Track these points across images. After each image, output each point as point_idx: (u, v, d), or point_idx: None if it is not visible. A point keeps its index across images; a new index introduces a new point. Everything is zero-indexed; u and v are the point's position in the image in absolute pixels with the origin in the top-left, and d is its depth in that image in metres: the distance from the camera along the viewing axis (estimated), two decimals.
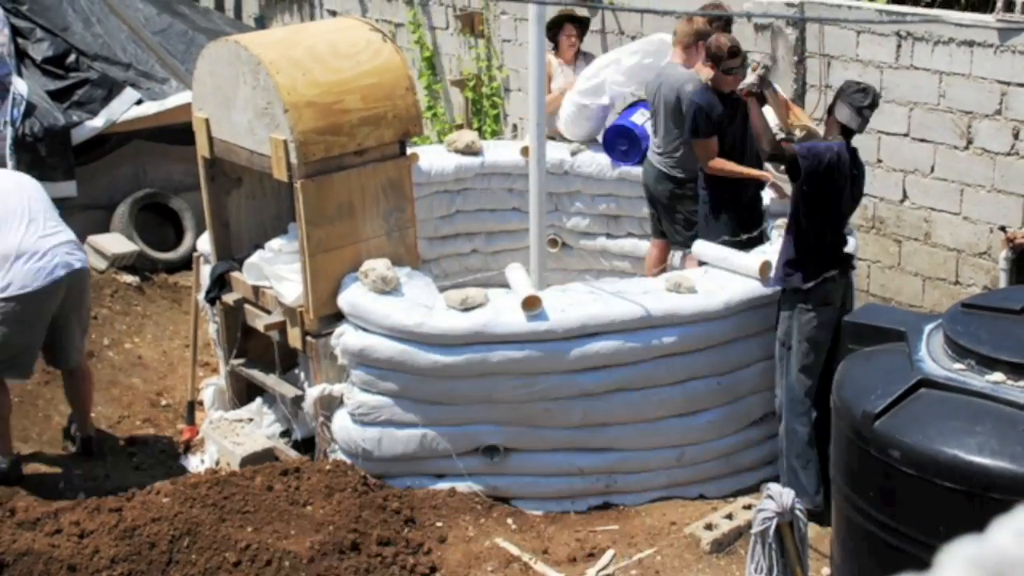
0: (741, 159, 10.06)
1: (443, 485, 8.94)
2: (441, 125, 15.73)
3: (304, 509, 8.40)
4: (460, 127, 14.85)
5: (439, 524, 8.59)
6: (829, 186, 8.66)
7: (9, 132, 13.13)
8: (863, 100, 8.69)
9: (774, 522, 7.10)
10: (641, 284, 9.40)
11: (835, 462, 6.16)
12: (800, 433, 8.77)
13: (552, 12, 11.73)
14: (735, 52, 10.01)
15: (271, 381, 9.78)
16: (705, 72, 10.25)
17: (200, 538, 8.15)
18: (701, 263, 9.73)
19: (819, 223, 8.76)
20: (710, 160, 10.06)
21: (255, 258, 9.66)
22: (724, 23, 10.86)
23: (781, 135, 9.52)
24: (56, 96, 13.76)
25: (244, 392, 10.28)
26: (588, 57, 12.35)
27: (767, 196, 10.46)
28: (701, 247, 9.83)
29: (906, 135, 11.13)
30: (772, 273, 9.06)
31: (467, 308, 8.74)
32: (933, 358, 5.81)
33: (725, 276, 9.24)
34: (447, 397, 8.83)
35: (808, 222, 8.73)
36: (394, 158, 9.38)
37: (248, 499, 8.53)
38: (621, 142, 11.66)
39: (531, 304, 8.66)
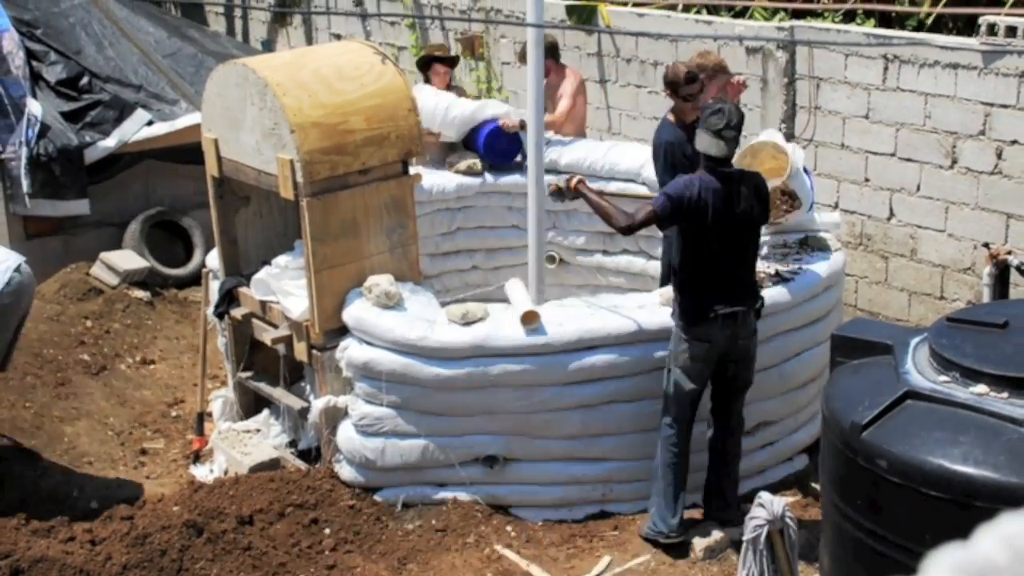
0: None
1: (444, 494, 8.94)
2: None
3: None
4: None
5: (440, 531, 8.61)
6: (693, 223, 8.21)
7: (24, 152, 13.14)
8: (719, 123, 8.16)
9: (765, 529, 7.10)
10: (636, 299, 9.39)
11: (824, 471, 6.17)
12: (661, 457, 8.58)
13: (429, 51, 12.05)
14: (692, 78, 9.71)
15: (278, 393, 9.79)
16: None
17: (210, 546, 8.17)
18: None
19: (693, 260, 8.30)
20: None
21: (262, 274, 9.67)
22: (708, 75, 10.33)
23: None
24: (69, 117, 13.78)
25: (252, 404, 10.28)
26: (458, 90, 12.55)
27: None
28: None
29: (893, 155, 11.15)
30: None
31: (468, 322, 8.75)
32: (919, 371, 5.81)
33: None
34: (448, 408, 8.83)
35: (682, 258, 8.36)
36: (397, 177, 9.39)
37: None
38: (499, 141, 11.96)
39: (530, 319, 8.66)
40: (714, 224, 8.17)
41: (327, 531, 8.55)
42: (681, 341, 8.35)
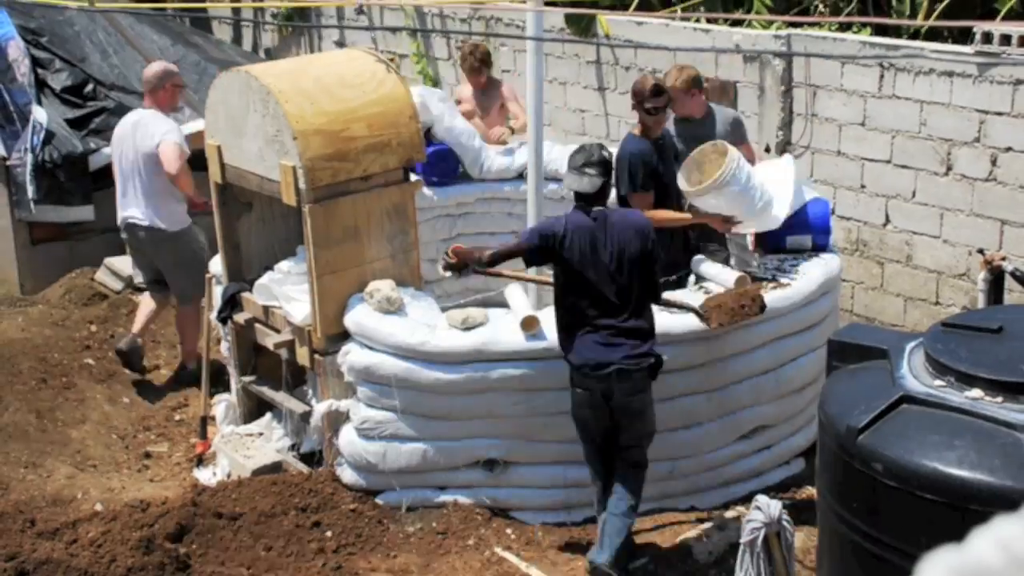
0: (666, 202, 9.57)
1: (445, 497, 8.95)
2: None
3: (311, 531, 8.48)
4: None
5: (440, 534, 8.62)
6: (560, 264, 8.06)
7: (29, 158, 13.16)
8: (580, 159, 8.10)
9: (762, 532, 7.10)
10: None
11: (820, 475, 6.17)
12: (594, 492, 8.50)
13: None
14: (657, 91, 9.54)
15: (280, 397, 9.79)
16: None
17: (214, 549, 8.18)
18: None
19: (564, 305, 8.13)
20: (648, 212, 9.31)
21: (265, 279, 9.68)
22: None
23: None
24: (74, 124, 13.80)
25: (254, 408, 10.28)
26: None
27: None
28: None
29: (888, 162, 11.16)
30: None
31: (468, 327, 8.75)
32: (914, 375, 5.81)
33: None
34: (449, 412, 8.83)
35: (556, 303, 8.23)
36: (398, 183, 9.39)
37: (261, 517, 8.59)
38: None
39: (529, 324, 8.66)
40: (580, 266, 7.95)
41: (328, 533, 8.55)
42: (570, 383, 8.19)
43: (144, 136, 11.26)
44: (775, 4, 13.46)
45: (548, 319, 8.75)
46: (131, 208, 11.44)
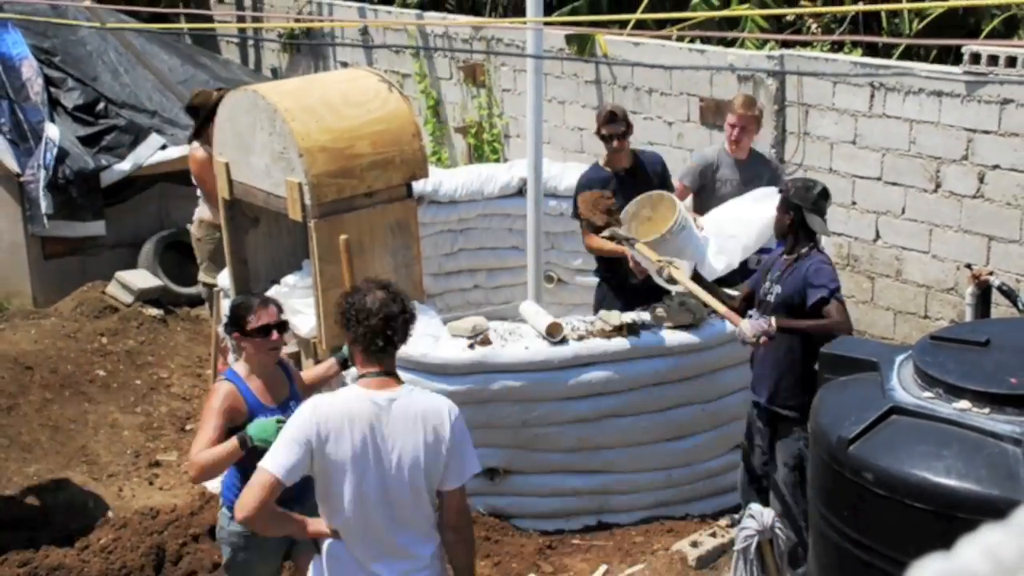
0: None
1: None
2: (445, 167, 15.76)
3: None
4: None
5: None
6: None
7: (43, 175, 13.19)
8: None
9: (755, 540, 7.11)
10: (629, 317, 9.39)
11: (812, 483, 6.17)
12: None
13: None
14: (611, 117, 9.49)
15: None
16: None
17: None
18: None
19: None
20: (587, 239, 9.44)
21: (271, 292, 9.67)
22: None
23: None
24: (86, 142, 13.83)
25: None
26: None
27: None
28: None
29: (879, 179, 11.16)
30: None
31: (476, 334, 8.77)
32: (904, 387, 5.81)
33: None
34: None
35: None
36: (401, 200, 9.40)
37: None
38: None
39: (554, 329, 8.70)
40: None
41: None
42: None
43: None
44: (768, 24, 13.46)
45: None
46: None
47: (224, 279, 10.36)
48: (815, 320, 7.55)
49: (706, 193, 10.03)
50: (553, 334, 8.73)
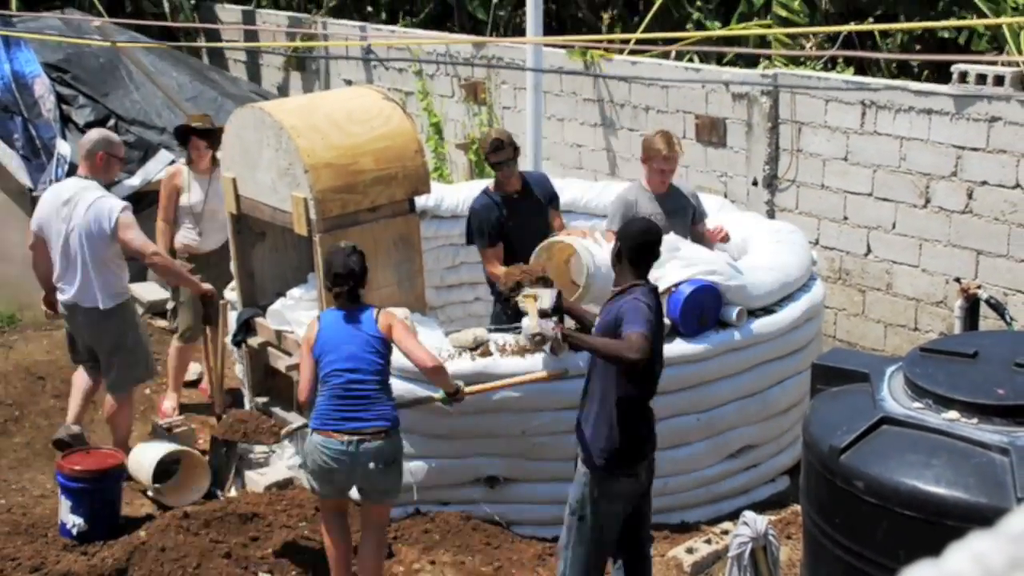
0: (516, 256, 9.35)
1: (448, 512, 8.94)
2: (447, 183, 15.76)
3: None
4: None
5: (442, 549, 8.61)
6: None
7: None
8: None
9: (749, 547, 7.11)
10: None
11: (805, 492, 6.17)
12: None
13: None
14: (497, 145, 9.49)
15: (291, 417, 9.78)
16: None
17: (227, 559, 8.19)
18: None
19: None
20: (486, 264, 9.68)
21: (277, 305, 9.69)
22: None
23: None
24: None
25: None
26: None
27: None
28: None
29: (870, 194, 11.18)
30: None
31: (479, 344, 8.77)
32: (894, 397, 5.82)
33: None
34: (452, 432, 8.83)
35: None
36: (404, 214, 9.41)
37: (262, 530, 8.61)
38: None
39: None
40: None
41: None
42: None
43: (88, 210, 9.57)
44: (763, 44, 13.49)
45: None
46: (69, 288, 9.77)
47: (231, 292, 10.37)
48: (604, 339, 7.03)
49: None
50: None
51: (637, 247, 7.16)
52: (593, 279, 8.80)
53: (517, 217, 9.59)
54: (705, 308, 8.94)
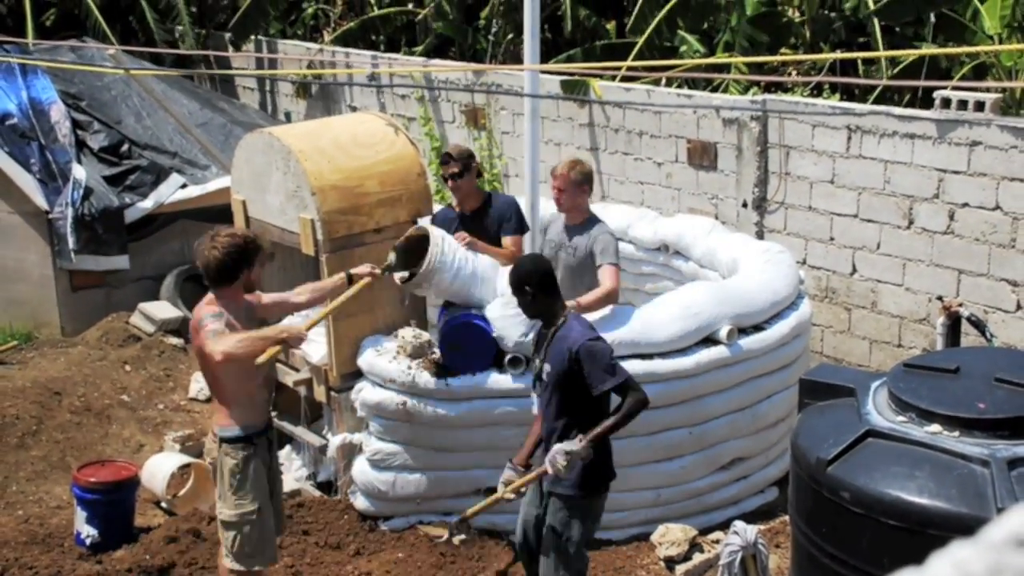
0: None
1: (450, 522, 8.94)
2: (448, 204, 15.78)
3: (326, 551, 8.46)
4: None
5: (442, 554, 8.61)
6: None
7: (70, 212, 13.25)
8: None
9: (739, 555, 7.12)
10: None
11: (793, 502, 6.18)
12: None
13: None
14: (444, 159, 9.28)
15: (299, 431, 9.79)
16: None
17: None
18: None
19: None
20: None
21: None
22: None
23: None
24: (111, 181, 13.87)
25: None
26: None
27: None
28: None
29: (855, 216, 11.20)
30: None
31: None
32: (879, 411, 5.83)
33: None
34: (453, 445, 8.84)
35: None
36: None
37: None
38: None
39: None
40: None
41: (348, 548, 8.57)
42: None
43: None
44: (751, 70, 13.52)
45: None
46: None
47: None
48: (615, 416, 6.85)
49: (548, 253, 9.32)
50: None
51: (540, 278, 7.04)
52: (433, 271, 8.55)
53: (468, 233, 9.14)
54: (463, 343, 8.78)
